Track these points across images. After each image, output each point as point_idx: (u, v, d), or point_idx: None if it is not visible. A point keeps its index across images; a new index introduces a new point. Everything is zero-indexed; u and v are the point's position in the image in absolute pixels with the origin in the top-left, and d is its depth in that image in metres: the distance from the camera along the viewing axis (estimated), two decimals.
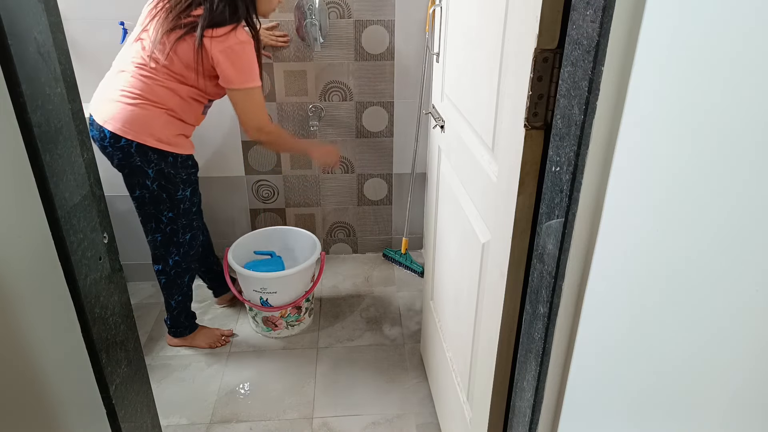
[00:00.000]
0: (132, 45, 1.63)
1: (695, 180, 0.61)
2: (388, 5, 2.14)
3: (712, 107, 0.58)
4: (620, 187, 0.62)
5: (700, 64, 0.56)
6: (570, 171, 0.66)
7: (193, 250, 1.89)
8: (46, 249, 0.69)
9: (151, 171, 1.67)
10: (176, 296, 1.94)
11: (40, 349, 0.70)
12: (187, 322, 2.03)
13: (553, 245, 0.72)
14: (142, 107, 1.61)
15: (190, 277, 1.95)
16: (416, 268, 2.50)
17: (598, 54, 0.58)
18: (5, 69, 0.60)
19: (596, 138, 0.61)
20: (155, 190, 1.70)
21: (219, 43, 1.54)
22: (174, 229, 1.79)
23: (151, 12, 1.59)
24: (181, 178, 1.73)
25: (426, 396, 1.85)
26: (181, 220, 1.79)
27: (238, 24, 1.57)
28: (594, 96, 0.60)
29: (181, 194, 1.75)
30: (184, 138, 1.72)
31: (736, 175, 0.61)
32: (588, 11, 0.59)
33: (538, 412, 0.83)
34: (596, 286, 0.68)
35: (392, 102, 2.33)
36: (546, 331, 0.77)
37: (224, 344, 2.08)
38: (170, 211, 1.76)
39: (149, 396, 0.98)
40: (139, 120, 1.61)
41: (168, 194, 1.72)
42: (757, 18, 0.53)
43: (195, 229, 1.86)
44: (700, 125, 0.59)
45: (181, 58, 1.57)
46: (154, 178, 1.68)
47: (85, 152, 0.74)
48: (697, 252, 0.66)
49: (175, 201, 1.74)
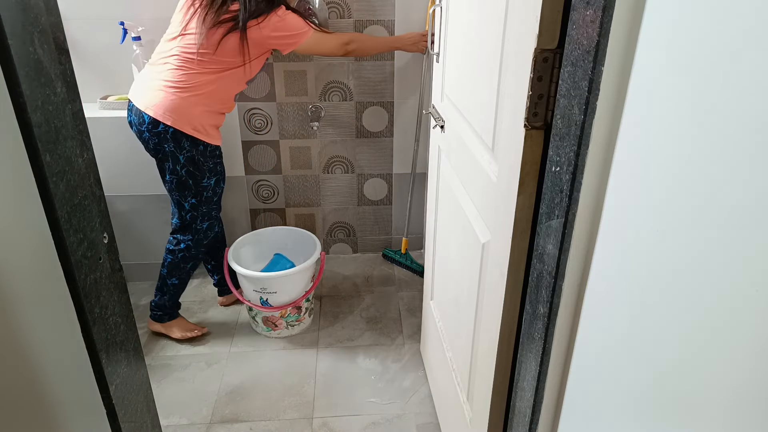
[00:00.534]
0: (172, 40, 1.73)
1: (695, 180, 0.61)
2: (388, 5, 2.14)
3: (712, 107, 0.58)
4: (620, 187, 0.62)
5: (701, 64, 0.56)
6: (570, 171, 0.66)
7: (207, 239, 1.97)
8: (46, 249, 0.69)
9: (182, 157, 1.77)
10: (174, 279, 2.00)
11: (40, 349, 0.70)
12: (171, 309, 2.08)
13: (553, 245, 0.72)
14: (182, 98, 1.72)
15: (193, 265, 2.01)
16: (416, 267, 2.50)
17: (598, 54, 0.58)
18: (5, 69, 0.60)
19: (596, 138, 0.61)
20: (183, 175, 1.81)
21: (265, 28, 1.67)
22: (194, 216, 1.90)
23: (189, 9, 1.68)
24: (209, 167, 1.84)
25: (426, 396, 1.85)
26: (201, 208, 1.89)
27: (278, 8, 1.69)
28: (594, 96, 0.60)
29: (207, 182, 1.85)
30: (215, 129, 1.85)
31: (737, 174, 0.61)
32: (588, 11, 0.59)
33: (538, 412, 0.83)
34: (596, 286, 0.68)
35: (392, 102, 2.33)
36: (546, 331, 0.77)
37: (195, 336, 2.10)
38: (194, 198, 1.85)
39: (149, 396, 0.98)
40: (179, 108, 1.73)
41: (194, 180, 1.82)
42: (757, 17, 0.53)
43: (213, 219, 1.95)
44: (700, 125, 0.59)
45: (229, 50, 1.69)
46: (184, 164, 1.79)
47: (85, 152, 0.74)
48: (698, 252, 0.66)
49: (200, 188, 1.85)
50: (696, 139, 0.59)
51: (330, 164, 2.45)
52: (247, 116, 2.32)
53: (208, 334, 2.14)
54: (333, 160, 2.44)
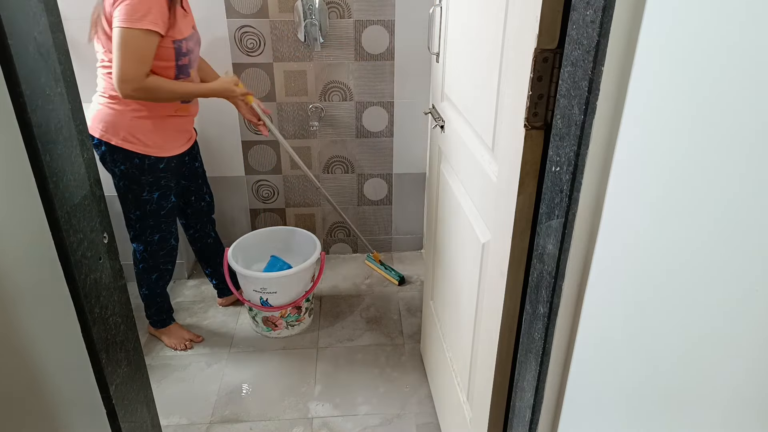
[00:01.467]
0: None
1: (695, 180, 0.61)
2: (388, 5, 2.14)
3: (712, 107, 0.58)
4: (620, 187, 0.62)
5: (700, 64, 0.56)
6: (570, 171, 0.66)
7: (163, 251, 1.88)
8: (46, 249, 0.69)
9: (117, 170, 1.69)
10: (143, 289, 1.96)
11: (40, 349, 0.70)
12: (156, 317, 2.05)
13: (553, 245, 0.72)
14: (110, 106, 1.63)
15: (158, 277, 1.94)
16: (394, 276, 2.45)
17: (598, 54, 0.58)
18: (5, 69, 0.60)
19: (596, 138, 0.61)
20: (121, 188, 1.72)
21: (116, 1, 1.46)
22: (142, 227, 1.80)
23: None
24: (149, 181, 1.71)
25: (426, 396, 1.85)
26: (148, 221, 1.79)
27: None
28: (594, 96, 0.60)
29: (147, 196, 1.74)
30: (160, 137, 1.69)
31: (737, 174, 0.61)
32: (588, 11, 0.59)
33: (538, 412, 0.83)
34: (596, 286, 0.68)
35: (392, 102, 2.33)
36: (546, 331, 0.77)
37: (185, 349, 2.07)
38: (137, 210, 1.76)
39: (149, 396, 0.98)
40: (108, 118, 1.63)
41: (133, 194, 1.73)
42: (756, 17, 0.53)
43: (164, 232, 1.84)
44: (700, 125, 0.59)
45: None
46: (120, 177, 1.70)
47: (85, 152, 0.74)
48: (697, 252, 0.66)
49: (140, 202, 1.74)
50: (696, 139, 0.59)
51: (330, 164, 2.45)
52: None
53: (203, 340, 2.13)
54: (333, 160, 2.44)
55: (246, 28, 2.15)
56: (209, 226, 2.09)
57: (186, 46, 1.62)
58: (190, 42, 1.64)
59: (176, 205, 1.87)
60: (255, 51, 2.19)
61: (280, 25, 2.15)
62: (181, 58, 1.61)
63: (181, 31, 1.59)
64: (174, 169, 1.79)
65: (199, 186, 1.98)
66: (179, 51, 1.60)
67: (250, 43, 2.18)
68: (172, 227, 1.87)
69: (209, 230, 2.10)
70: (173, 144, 1.75)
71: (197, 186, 1.98)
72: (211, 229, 2.10)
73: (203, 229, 2.08)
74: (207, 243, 2.11)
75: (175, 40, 1.57)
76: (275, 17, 2.13)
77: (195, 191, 1.98)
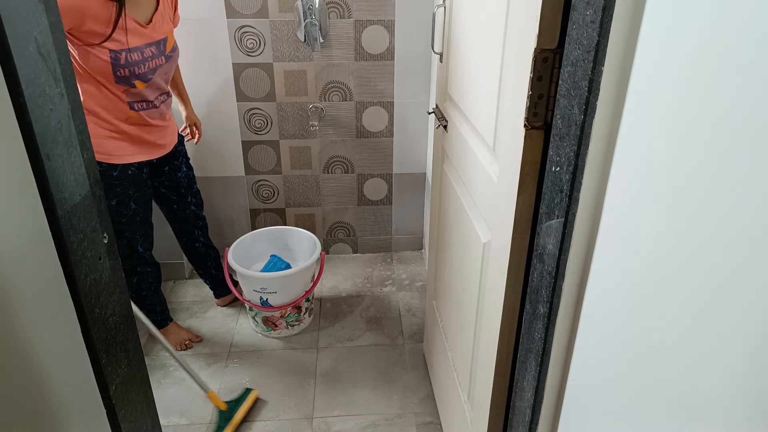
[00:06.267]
0: None
1: (695, 180, 0.61)
2: (388, 5, 2.14)
3: (712, 107, 0.58)
4: (620, 187, 0.62)
5: (701, 63, 0.55)
6: (570, 171, 0.66)
7: (131, 258, 1.86)
8: (46, 249, 0.69)
9: None
10: (129, 292, 1.94)
11: (40, 349, 0.70)
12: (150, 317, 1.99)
13: (553, 245, 0.72)
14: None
15: (139, 279, 1.93)
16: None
17: (598, 54, 0.58)
18: (5, 69, 0.60)
19: (596, 138, 0.61)
20: None
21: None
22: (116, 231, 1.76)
23: None
24: (107, 187, 1.68)
25: (426, 396, 1.85)
26: (115, 225, 1.75)
27: None
28: (594, 96, 0.60)
29: (109, 202, 1.70)
30: (112, 145, 1.66)
31: (737, 174, 0.61)
32: (588, 11, 0.59)
33: (538, 411, 0.83)
34: (596, 286, 0.68)
35: (392, 102, 2.33)
36: (546, 331, 0.77)
37: (185, 348, 2.07)
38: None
39: (149, 396, 0.98)
40: None
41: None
42: (757, 17, 0.53)
43: (128, 238, 1.81)
44: (700, 125, 0.59)
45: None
46: None
47: (85, 152, 0.74)
48: (697, 252, 0.66)
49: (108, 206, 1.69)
50: (696, 138, 0.59)
51: (330, 164, 2.45)
52: (247, 116, 2.32)
53: (202, 341, 2.13)
54: (333, 160, 2.44)
55: (246, 28, 2.15)
56: (197, 232, 2.08)
57: (128, 57, 1.57)
58: (134, 54, 1.58)
59: (140, 212, 1.80)
60: (255, 51, 2.19)
61: (280, 25, 2.15)
62: (119, 69, 1.57)
63: (122, 42, 1.55)
64: (132, 177, 1.73)
65: (182, 196, 1.96)
66: (116, 61, 1.56)
67: (250, 43, 2.18)
68: (137, 233, 1.83)
69: (197, 236, 2.08)
70: (125, 152, 1.70)
71: (179, 196, 1.96)
72: (200, 235, 2.09)
73: (191, 236, 2.07)
74: (196, 249, 2.11)
75: (111, 50, 1.53)
76: (275, 17, 2.13)
77: (177, 201, 1.97)
